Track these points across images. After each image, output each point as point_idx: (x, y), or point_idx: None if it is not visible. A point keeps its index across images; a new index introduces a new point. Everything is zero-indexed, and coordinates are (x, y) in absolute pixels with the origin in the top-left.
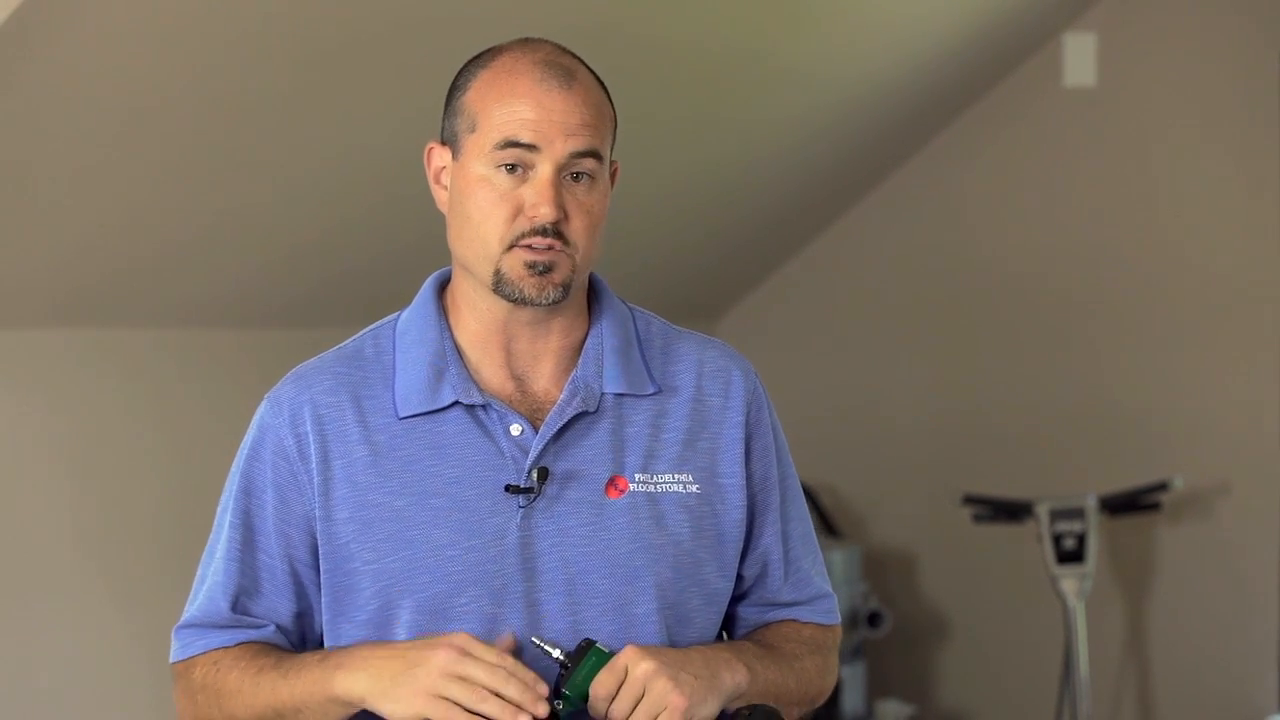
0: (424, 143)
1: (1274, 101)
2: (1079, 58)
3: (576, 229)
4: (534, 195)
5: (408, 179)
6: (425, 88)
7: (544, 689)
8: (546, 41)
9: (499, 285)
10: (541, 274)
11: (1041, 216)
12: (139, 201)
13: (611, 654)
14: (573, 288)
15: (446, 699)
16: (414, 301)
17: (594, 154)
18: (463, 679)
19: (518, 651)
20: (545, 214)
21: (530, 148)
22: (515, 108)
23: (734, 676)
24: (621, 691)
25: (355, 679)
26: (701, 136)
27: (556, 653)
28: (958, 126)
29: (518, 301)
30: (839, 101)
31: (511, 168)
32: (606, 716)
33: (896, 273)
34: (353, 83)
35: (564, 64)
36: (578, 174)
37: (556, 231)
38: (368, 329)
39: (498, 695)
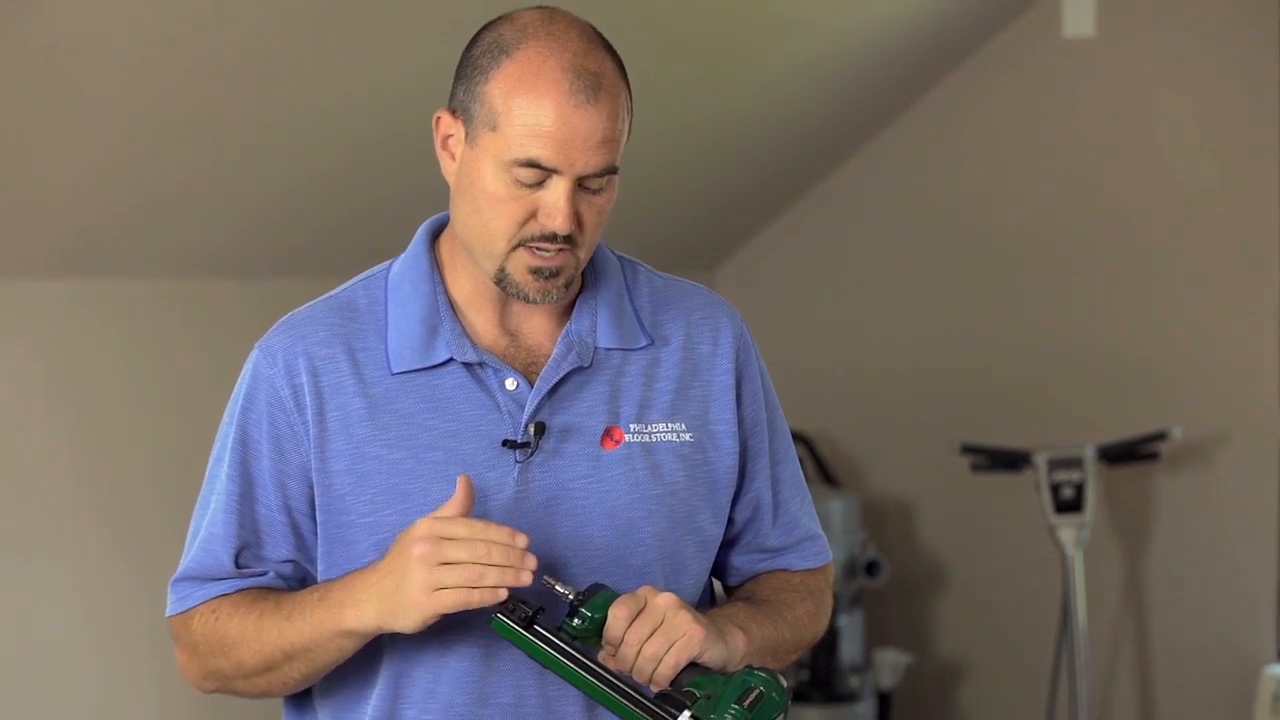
0: (416, 91)
1: (1273, 51)
2: (1078, 8)
3: (586, 230)
4: (550, 207)
5: (402, 128)
6: (417, 38)
7: (522, 540)
8: (572, 26)
9: (501, 282)
10: (547, 278)
11: (1039, 166)
12: (133, 152)
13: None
14: (573, 283)
15: (444, 588)
16: (407, 251)
17: (611, 170)
18: (448, 564)
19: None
20: (560, 226)
21: (551, 170)
22: (540, 120)
23: (734, 639)
24: (641, 616)
25: (363, 611)
26: (700, 86)
27: (567, 592)
28: (956, 77)
29: (520, 299)
30: (837, 51)
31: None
32: (623, 641)
33: (895, 222)
34: (346, 32)
35: (591, 68)
36: (594, 184)
37: (568, 237)
38: (358, 278)
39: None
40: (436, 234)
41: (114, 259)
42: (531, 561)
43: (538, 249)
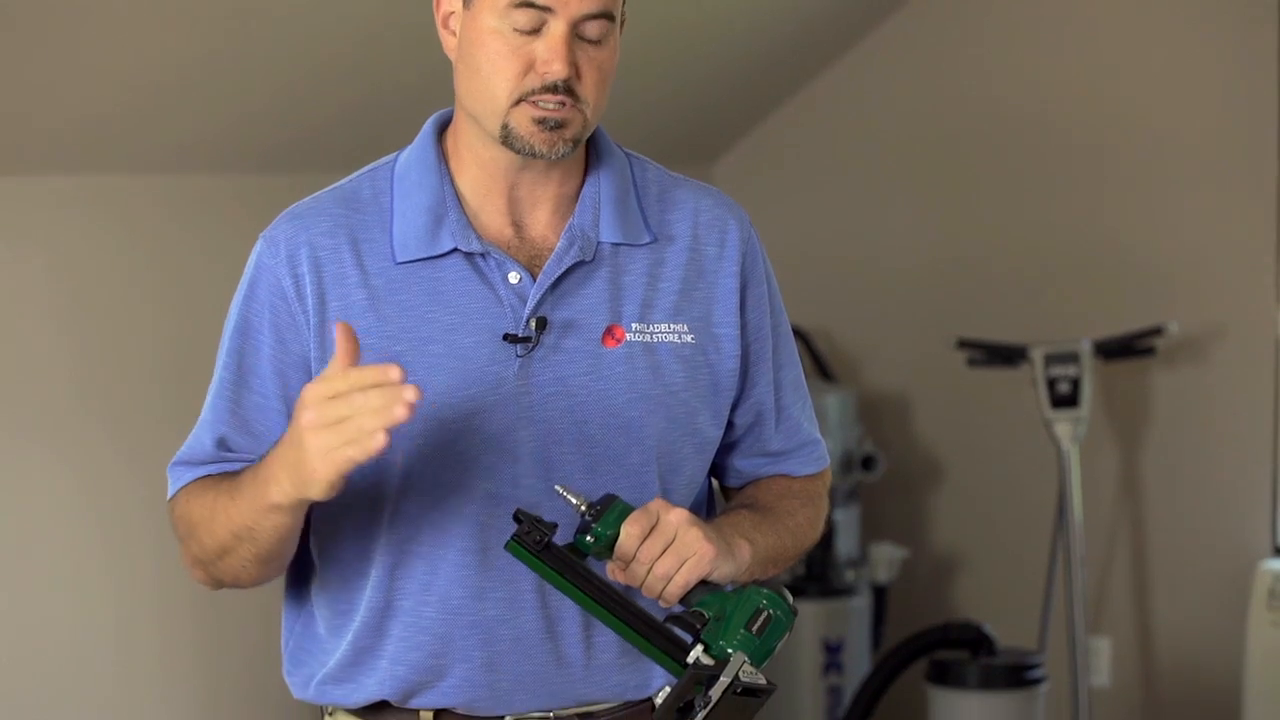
0: None
1: None
2: None
3: (587, 85)
4: (546, 52)
5: (405, 13)
6: None
7: (395, 373)
8: None
9: (507, 139)
10: (552, 129)
11: (1038, 60)
12: (129, 45)
13: (634, 508)
14: (581, 141)
15: (337, 450)
16: (413, 143)
17: (608, 15)
18: (334, 423)
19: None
20: (557, 71)
21: (544, 9)
22: None
23: (741, 551)
24: (653, 533)
25: (281, 484)
26: None
27: (580, 503)
28: None
29: (527, 155)
30: None
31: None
32: (634, 558)
33: (893, 117)
34: None
35: None
36: (591, 32)
37: (568, 88)
38: (364, 170)
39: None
40: (443, 129)
41: (111, 155)
42: (410, 394)
43: (539, 101)
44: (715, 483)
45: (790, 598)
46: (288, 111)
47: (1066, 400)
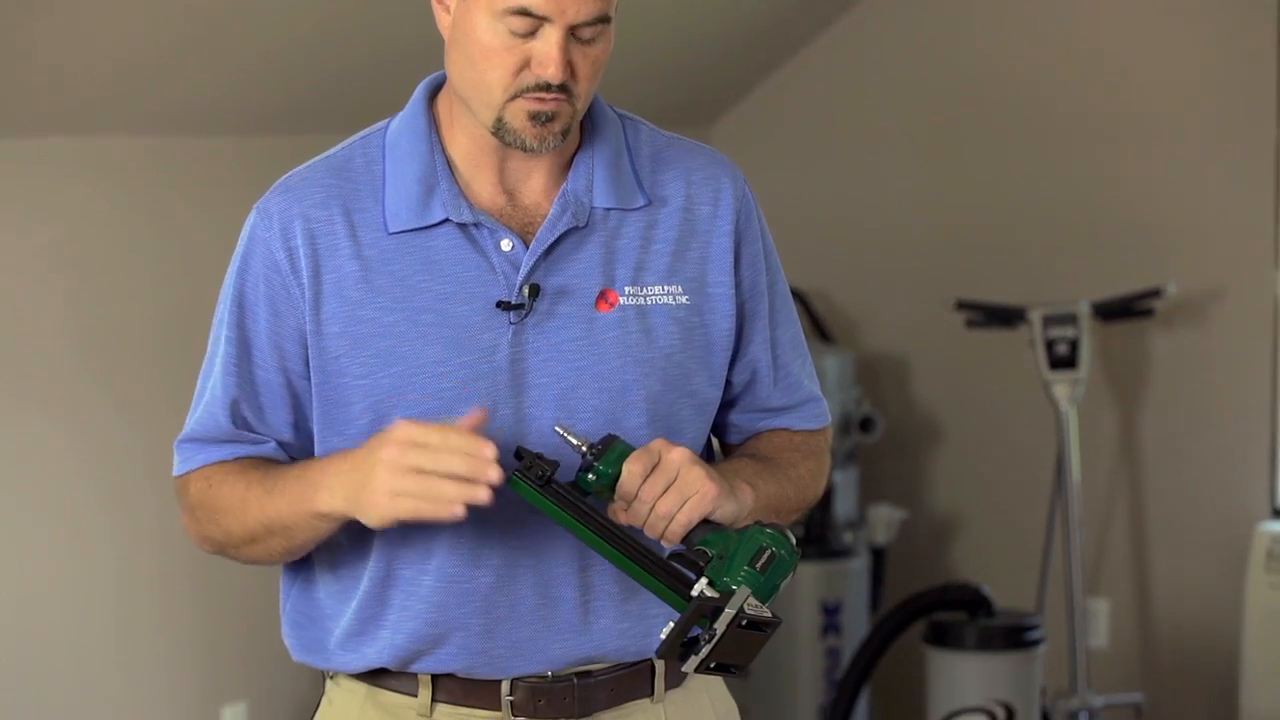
0: None
1: None
2: None
3: (580, 80)
4: (542, 56)
5: None
6: None
7: (491, 452)
8: None
9: (499, 132)
10: (544, 124)
11: (1037, 22)
12: (127, 6)
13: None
14: (569, 131)
15: (405, 495)
16: (405, 110)
17: (603, 19)
18: (413, 470)
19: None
20: (553, 75)
21: (542, 18)
22: None
23: (743, 494)
24: (655, 472)
25: (333, 496)
26: None
27: (581, 443)
28: None
29: (516, 148)
30: None
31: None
32: (636, 497)
33: (891, 78)
34: None
35: None
36: (586, 34)
37: (562, 86)
38: (356, 137)
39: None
40: (434, 92)
41: (110, 116)
42: (494, 475)
43: (535, 96)
44: (716, 442)
45: (793, 538)
46: (287, 73)
47: (1065, 361)
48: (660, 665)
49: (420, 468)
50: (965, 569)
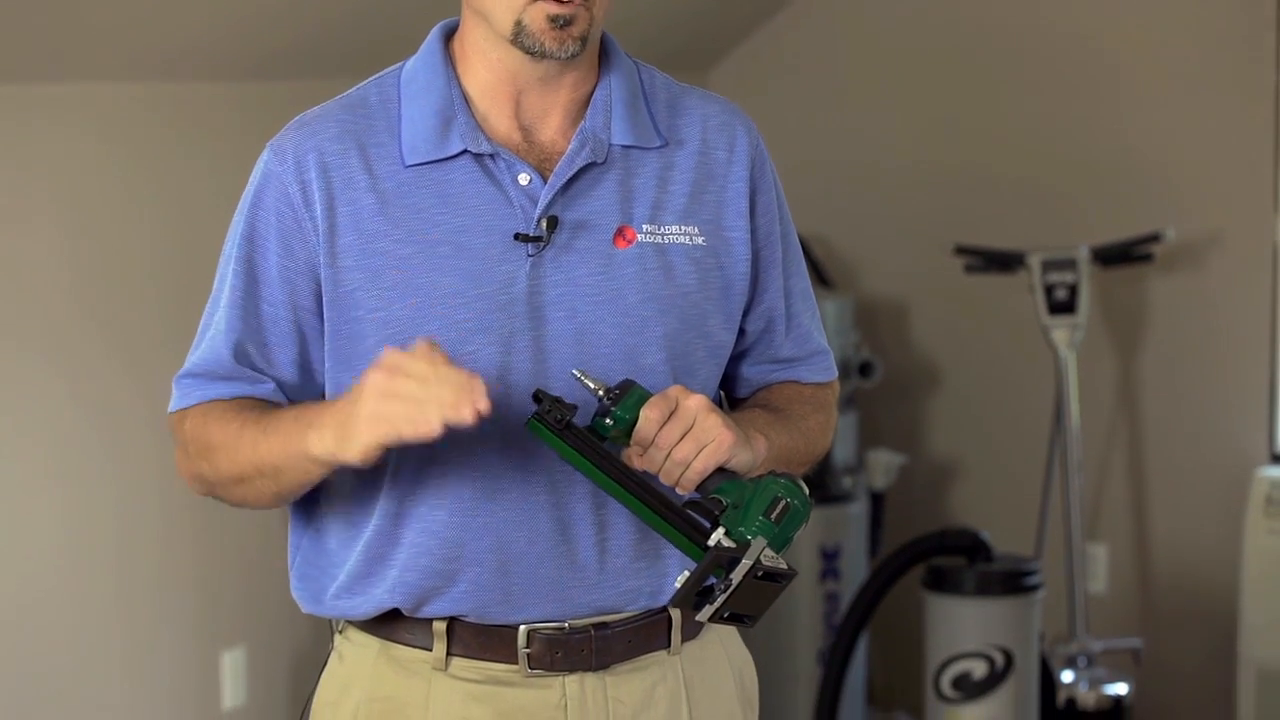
0: None
1: None
2: None
3: None
4: None
5: None
6: None
7: (480, 385)
8: None
9: (519, 36)
10: (563, 27)
11: None
12: None
13: (653, 394)
14: (589, 40)
15: (387, 420)
16: (420, 50)
17: None
18: (396, 396)
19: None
20: None
21: None
22: None
23: (758, 442)
24: (672, 419)
25: (322, 436)
26: None
27: (598, 387)
28: None
29: (536, 54)
30: None
31: None
32: (652, 443)
33: (890, 22)
34: None
35: None
36: None
37: None
38: (371, 78)
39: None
40: (449, 37)
41: (108, 61)
42: (482, 401)
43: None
44: (724, 396)
45: (806, 488)
46: (286, 17)
47: (1064, 306)
48: (677, 617)
49: (406, 393)
50: (964, 514)
